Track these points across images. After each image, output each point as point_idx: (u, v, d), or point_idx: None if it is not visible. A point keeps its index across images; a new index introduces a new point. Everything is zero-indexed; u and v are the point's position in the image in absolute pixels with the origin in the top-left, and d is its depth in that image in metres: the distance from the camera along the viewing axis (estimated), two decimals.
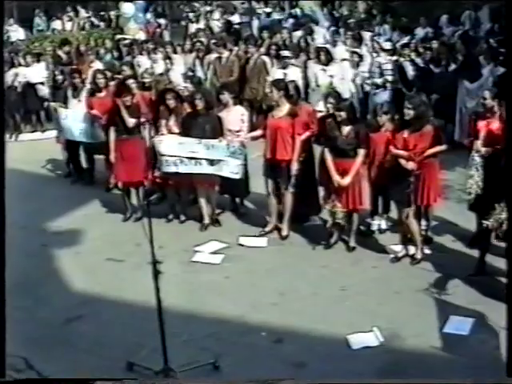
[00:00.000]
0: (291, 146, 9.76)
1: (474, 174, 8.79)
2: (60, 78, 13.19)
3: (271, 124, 9.91)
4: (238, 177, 10.21)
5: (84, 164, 13.22)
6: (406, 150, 8.78)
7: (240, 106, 10.78)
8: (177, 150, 10.16)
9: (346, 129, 9.26)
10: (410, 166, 8.75)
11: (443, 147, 9.05)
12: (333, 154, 9.35)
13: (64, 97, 12.85)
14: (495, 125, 8.76)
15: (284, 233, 10.13)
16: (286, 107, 9.84)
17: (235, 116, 10.43)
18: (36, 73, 16.58)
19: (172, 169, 10.27)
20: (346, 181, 9.17)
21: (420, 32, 18.55)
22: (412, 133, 8.81)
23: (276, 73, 14.16)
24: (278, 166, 9.89)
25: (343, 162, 9.29)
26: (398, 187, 8.92)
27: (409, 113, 8.77)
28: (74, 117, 12.37)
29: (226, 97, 10.52)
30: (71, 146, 12.96)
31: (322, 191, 9.99)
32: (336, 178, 9.25)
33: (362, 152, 9.28)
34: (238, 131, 10.29)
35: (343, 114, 9.24)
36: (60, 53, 17.88)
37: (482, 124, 8.97)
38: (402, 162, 8.78)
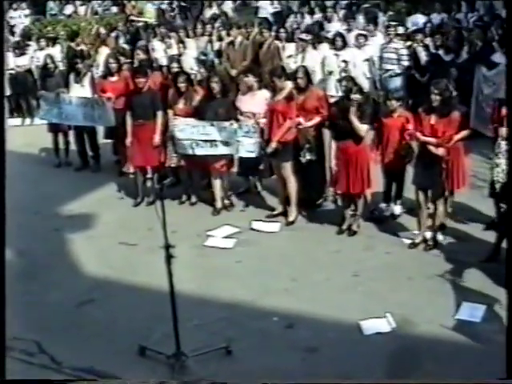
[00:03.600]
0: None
1: (501, 162, 8.62)
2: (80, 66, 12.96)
3: (270, 107, 10.00)
4: (254, 155, 10.23)
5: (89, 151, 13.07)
6: (435, 136, 8.70)
7: (265, 90, 10.58)
8: (191, 133, 10.19)
9: (352, 111, 9.17)
10: (441, 152, 8.68)
11: (468, 132, 9.04)
12: (339, 137, 9.33)
13: (65, 82, 12.74)
14: None
15: (290, 218, 10.11)
16: (286, 91, 9.86)
17: (260, 99, 10.33)
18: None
19: (189, 152, 10.31)
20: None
21: (435, 18, 18.39)
22: (440, 119, 8.74)
23: (292, 57, 14.10)
24: (277, 147, 9.91)
25: (350, 144, 9.27)
26: (427, 174, 8.83)
27: (435, 98, 8.69)
28: (79, 102, 12.21)
29: (251, 80, 10.45)
30: (77, 133, 12.84)
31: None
32: (332, 163, 9.37)
33: (365, 128, 9.25)
34: (260, 114, 10.20)
35: (358, 97, 9.23)
36: (72, 45, 17.83)
37: (506, 110, 8.86)
38: (432, 148, 8.69)
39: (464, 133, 8.95)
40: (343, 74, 13.00)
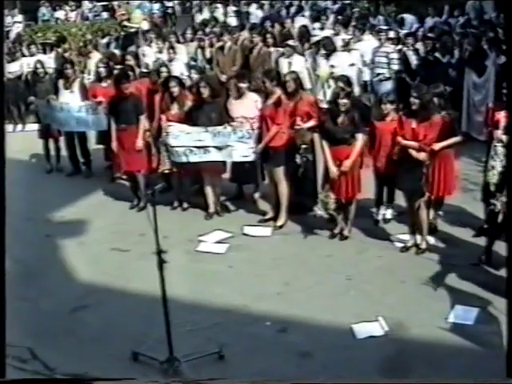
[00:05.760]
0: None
1: (496, 165, 8.64)
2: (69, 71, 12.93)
3: (260, 112, 10.06)
4: (249, 160, 10.26)
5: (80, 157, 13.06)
6: (416, 140, 8.72)
7: (253, 93, 10.62)
8: (184, 140, 10.18)
9: (341, 117, 9.22)
10: (422, 156, 8.70)
11: (458, 138, 9.05)
12: (331, 143, 9.31)
13: (54, 88, 12.73)
14: None
15: (279, 222, 10.12)
16: (275, 96, 9.90)
17: (249, 103, 10.35)
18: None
19: (182, 159, 10.30)
20: (347, 164, 9.14)
21: (428, 22, 18.46)
22: (421, 123, 8.75)
23: (281, 62, 14.12)
24: (267, 153, 9.99)
25: (342, 149, 9.24)
26: (409, 177, 8.85)
27: (414, 102, 8.73)
28: (70, 108, 12.23)
29: (242, 85, 10.44)
30: (68, 139, 12.86)
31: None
32: (332, 168, 9.25)
33: (360, 136, 9.25)
34: (252, 118, 10.20)
35: (347, 102, 9.22)
36: (59, 50, 17.81)
37: (501, 114, 8.87)
38: (413, 152, 8.71)
39: (453, 139, 8.96)
40: (331, 79, 13.03)
